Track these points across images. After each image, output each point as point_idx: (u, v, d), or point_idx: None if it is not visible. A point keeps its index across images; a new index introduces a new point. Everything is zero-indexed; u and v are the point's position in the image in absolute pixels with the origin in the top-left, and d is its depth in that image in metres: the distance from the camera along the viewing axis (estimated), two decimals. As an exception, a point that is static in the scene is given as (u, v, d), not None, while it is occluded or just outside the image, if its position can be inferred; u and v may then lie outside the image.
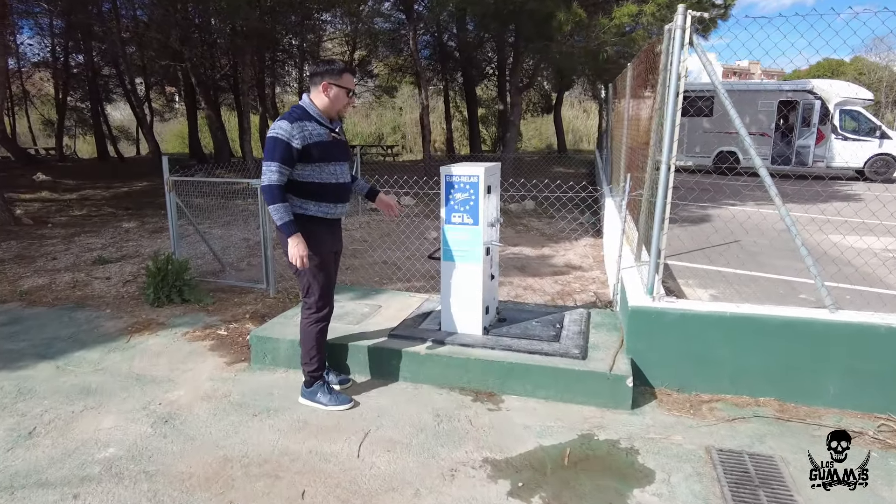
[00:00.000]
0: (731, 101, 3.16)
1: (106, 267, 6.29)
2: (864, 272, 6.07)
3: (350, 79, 3.02)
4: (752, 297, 4.86)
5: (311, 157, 2.92)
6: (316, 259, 3.02)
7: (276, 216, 2.88)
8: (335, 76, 2.96)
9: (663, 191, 3.30)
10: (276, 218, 2.88)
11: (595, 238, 8.23)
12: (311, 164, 2.94)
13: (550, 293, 5.39)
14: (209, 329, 4.40)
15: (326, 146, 2.96)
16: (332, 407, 3.13)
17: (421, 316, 3.97)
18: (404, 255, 6.56)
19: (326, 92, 2.96)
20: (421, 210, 9.84)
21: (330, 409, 3.13)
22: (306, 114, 2.96)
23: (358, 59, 22.76)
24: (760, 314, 3.21)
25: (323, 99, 2.97)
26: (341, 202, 3.10)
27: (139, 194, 12.97)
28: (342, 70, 2.98)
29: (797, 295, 5.47)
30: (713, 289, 5.58)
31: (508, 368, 3.24)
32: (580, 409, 3.16)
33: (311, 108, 2.98)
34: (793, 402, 3.23)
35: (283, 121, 2.90)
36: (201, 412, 3.13)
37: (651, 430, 2.99)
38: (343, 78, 2.97)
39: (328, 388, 3.20)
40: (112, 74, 23.06)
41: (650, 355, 3.35)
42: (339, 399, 3.16)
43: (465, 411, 3.12)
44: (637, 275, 3.95)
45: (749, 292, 5.26)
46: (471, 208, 3.43)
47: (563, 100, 25.54)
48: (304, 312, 3.16)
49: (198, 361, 3.81)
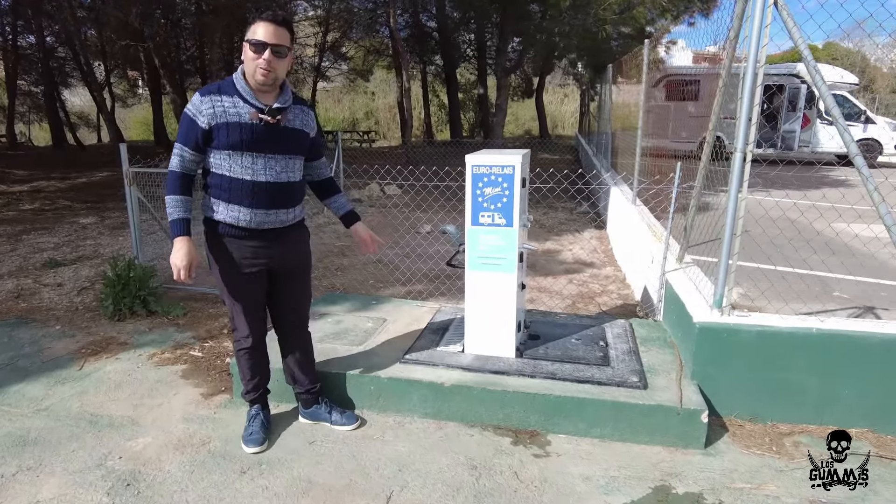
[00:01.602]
0: (823, 84, 2.59)
1: (58, 271, 5.49)
2: (890, 265, 5.67)
3: (263, 28, 2.20)
4: (790, 297, 4.38)
5: (219, 142, 2.26)
6: (224, 277, 2.43)
7: (168, 210, 2.34)
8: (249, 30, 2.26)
9: (737, 184, 2.73)
10: (168, 213, 2.32)
11: (598, 230, 7.70)
12: (219, 150, 2.28)
13: (569, 296, 4.82)
14: (181, 349, 3.71)
15: (245, 129, 2.26)
16: (248, 449, 2.58)
17: (436, 332, 3.35)
18: (399, 253, 5.91)
19: (244, 54, 2.27)
20: (409, 201, 9.15)
21: (246, 450, 2.58)
22: (229, 86, 2.29)
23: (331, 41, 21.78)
24: (855, 331, 2.68)
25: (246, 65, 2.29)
26: (261, 208, 2.35)
27: (99, 185, 11.97)
28: (254, 20, 2.24)
29: (831, 292, 5.02)
30: (738, 287, 5.08)
31: (556, 403, 2.65)
32: (644, 451, 2.60)
33: (238, 80, 2.30)
34: (891, 435, 2.72)
35: (197, 93, 2.28)
36: (174, 468, 2.47)
37: (735, 476, 2.44)
38: (250, 29, 2.24)
39: (259, 420, 2.66)
40: (68, 56, 21.57)
41: (720, 380, 2.80)
42: (255, 439, 2.59)
43: (507, 459, 2.53)
44: (686, 279, 3.40)
45: (781, 291, 4.78)
46: (504, 205, 2.81)
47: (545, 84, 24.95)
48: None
49: (168, 394, 3.13)
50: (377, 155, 16.81)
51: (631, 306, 4.56)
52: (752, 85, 2.62)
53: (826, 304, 4.67)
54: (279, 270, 2.52)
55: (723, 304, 2.82)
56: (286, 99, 2.37)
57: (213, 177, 2.34)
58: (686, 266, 3.65)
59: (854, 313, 4.53)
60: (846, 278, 5.24)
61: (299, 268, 2.61)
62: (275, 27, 2.22)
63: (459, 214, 6.69)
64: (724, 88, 3.11)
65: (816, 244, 5.56)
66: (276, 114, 2.32)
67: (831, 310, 4.54)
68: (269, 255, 2.45)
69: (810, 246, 4.94)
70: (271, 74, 2.26)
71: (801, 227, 6.08)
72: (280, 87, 2.37)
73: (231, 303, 2.48)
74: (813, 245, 5.11)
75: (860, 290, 4.96)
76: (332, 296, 4.18)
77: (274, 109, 2.32)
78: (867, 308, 4.67)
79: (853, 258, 5.57)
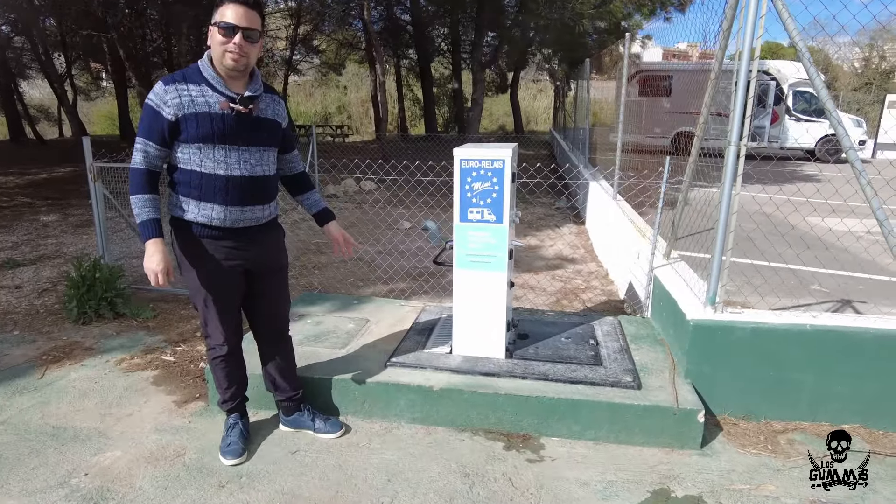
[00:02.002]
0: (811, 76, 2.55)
1: (17, 272, 5.20)
2: (862, 259, 5.75)
3: (232, 10, 2.04)
4: (767, 290, 4.38)
5: (188, 135, 2.09)
6: (196, 282, 2.26)
7: (135, 211, 2.15)
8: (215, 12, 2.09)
9: (730, 179, 2.67)
10: (135, 214, 2.14)
11: (577, 225, 7.67)
12: (188, 144, 2.11)
13: (553, 292, 4.75)
14: (151, 354, 3.52)
15: (216, 120, 2.10)
16: (226, 461, 2.42)
17: (422, 332, 3.24)
18: (379, 250, 5.77)
19: (212, 38, 2.11)
20: (387, 196, 8.99)
21: (224, 462, 2.43)
22: (195, 74, 2.12)
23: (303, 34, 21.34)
24: (849, 326, 2.65)
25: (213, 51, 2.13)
26: (236, 205, 2.20)
27: (61, 181, 11.49)
28: (222, 1, 2.07)
29: (809, 286, 5.05)
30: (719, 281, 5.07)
31: (550, 406, 2.56)
32: (640, 453, 2.53)
33: (205, 67, 2.14)
34: (882, 430, 2.71)
35: (160, 82, 2.09)
36: (146, 484, 2.30)
37: (734, 476, 2.39)
38: (218, 11, 2.07)
39: (237, 430, 2.51)
40: (25, 47, 20.69)
41: (714, 378, 2.75)
42: (233, 450, 2.44)
43: (500, 465, 2.43)
44: (675, 275, 3.35)
45: (759, 284, 4.79)
46: (494, 201, 2.70)
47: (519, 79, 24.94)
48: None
49: (138, 402, 2.95)
50: (351, 149, 16.55)
51: (615, 302, 4.51)
52: (746, 77, 2.56)
53: (803, 298, 4.68)
54: (256, 272, 2.37)
55: (716, 301, 2.77)
56: (257, 87, 2.22)
57: (181, 173, 2.17)
58: (674, 262, 3.60)
59: (834, 307, 4.56)
60: (821, 272, 5.29)
61: (276, 268, 2.47)
62: (245, 9, 2.06)
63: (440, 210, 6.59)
64: (716, 82, 3.05)
65: (791, 238, 5.62)
66: (248, 103, 2.17)
67: (809, 304, 4.56)
68: (245, 255, 2.30)
69: (785, 240, 4.97)
70: (243, 60, 2.10)
71: (776, 221, 6.15)
72: (250, 74, 2.22)
73: (204, 308, 2.31)
74: (787, 239, 5.15)
75: (837, 284, 5.01)
76: (311, 295, 4.02)
77: (246, 98, 2.17)
78: (845, 301, 4.71)
79: (827, 252, 5.62)
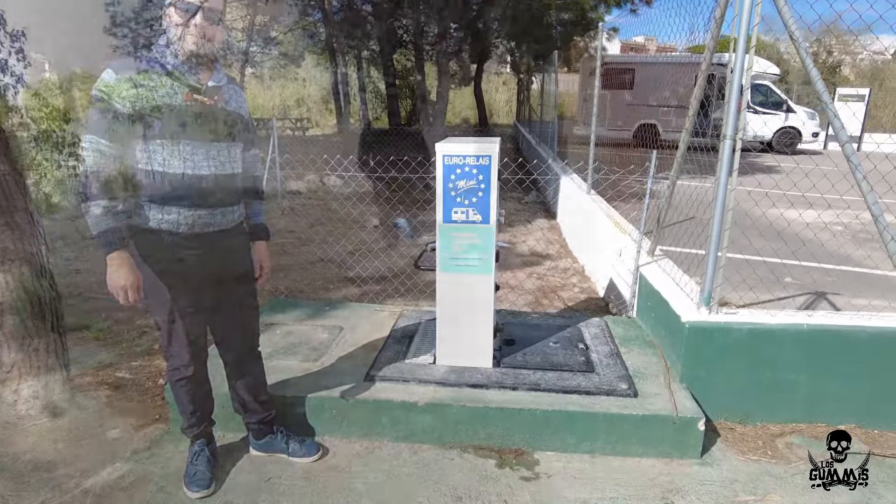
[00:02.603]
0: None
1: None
2: (831, 249, 5.81)
3: None
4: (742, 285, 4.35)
5: (149, 130, 1.86)
6: (159, 295, 2.00)
7: (90, 221, 1.84)
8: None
9: (726, 173, 2.56)
10: (91, 224, 1.84)
11: (549, 220, 7.57)
12: (149, 141, 1.86)
13: (531, 290, 4.62)
14: (104, 370, 3.21)
15: (179, 113, 1.88)
16: (192, 493, 2.17)
17: (401, 341, 3.04)
18: (347, 248, 5.52)
19: (168, 20, 1.89)
20: (352, 189, 8.70)
21: (190, 495, 2.17)
22: (152, 60, 1.88)
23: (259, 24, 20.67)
24: (845, 325, 2.58)
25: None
26: (204, 207, 1.96)
27: None
28: None
29: (782, 279, 5.06)
30: (696, 276, 5.03)
31: (544, 419, 2.41)
32: (639, 465, 2.40)
33: (162, 52, 1.91)
34: (877, 429, 2.66)
35: (108, 69, 1.83)
36: (99, 525, 2.05)
37: (737, 487, 2.29)
38: None
39: (204, 457, 2.26)
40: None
41: (710, 382, 2.65)
42: (199, 480, 2.19)
43: (494, 486, 2.26)
44: (662, 273, 3.24)
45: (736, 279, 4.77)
46: (480, 200, 2.53)
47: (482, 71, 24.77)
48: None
49: (90, 426, 2.66)
50: (312, 143, 16.10)
51: (595, 300, 4.41)
52: (741, 69, 2.45)
53: (779, 291, 4.67)
54: (224, 281, 2.13)
55: (710, 302, 2.66)
56: (220, 77, 1.99)
57: (140, 174, 1.90)
58: (658, 259, 3.50)
59: (809, 300, 4.56)
60: (790, 263, 5.30)
61: (245, 277, 2.23)
62: None
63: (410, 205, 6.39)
64: (706, 73, 2.94)
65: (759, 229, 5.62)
66: (213, 93, 1.94)
67: (785, 297, 4.55)
68: (213, 264, 2.05)
69: (755, 230, 4.94)
70: (205, 44, 1.87)
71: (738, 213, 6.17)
72: (212, 62, 1.98)
73: (169, 325, 2.05)
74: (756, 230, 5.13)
75: (809, 276, 5.03)
76: (278, 301, 3.77)
77: (211, 88, 1.93)
78: (820, 294, 4.72)
79: (795, 243, 5.65)
